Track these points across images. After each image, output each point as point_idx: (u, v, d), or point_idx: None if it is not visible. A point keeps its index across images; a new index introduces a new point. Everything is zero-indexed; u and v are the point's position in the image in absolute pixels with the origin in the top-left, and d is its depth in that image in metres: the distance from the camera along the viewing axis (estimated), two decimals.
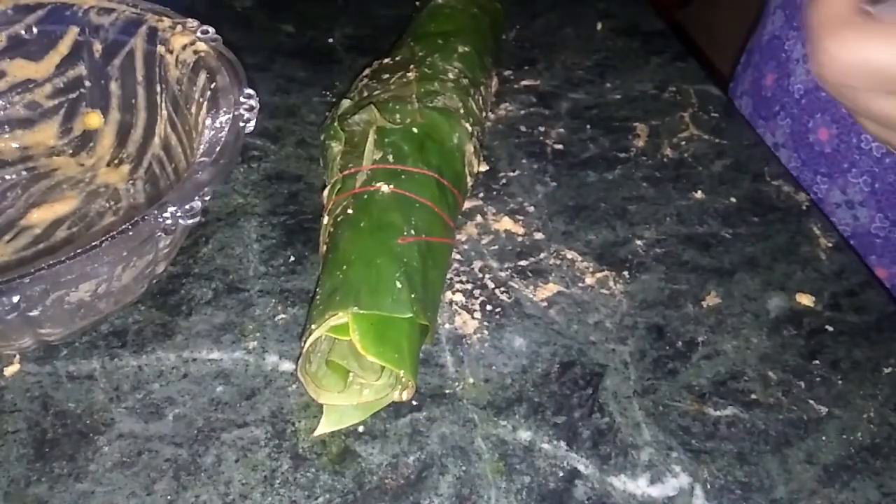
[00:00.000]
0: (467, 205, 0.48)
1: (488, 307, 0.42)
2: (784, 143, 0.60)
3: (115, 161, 0.47)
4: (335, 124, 0.45)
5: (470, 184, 0.46)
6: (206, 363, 0.38)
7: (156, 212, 0.32)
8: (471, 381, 0.38)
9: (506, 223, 0.47)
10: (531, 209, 0.48)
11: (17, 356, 0.37)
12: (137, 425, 0.35)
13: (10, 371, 0.37)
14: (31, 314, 0.32)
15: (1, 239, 0.42)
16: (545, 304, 0.42)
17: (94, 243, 0.30)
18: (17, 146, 0.47)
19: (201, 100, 0.40)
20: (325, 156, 0.45)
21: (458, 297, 0.42)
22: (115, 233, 0.31)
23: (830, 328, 0.42)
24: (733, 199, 0.50)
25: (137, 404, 0.36)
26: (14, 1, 0.44)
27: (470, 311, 0.41)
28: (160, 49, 0.44)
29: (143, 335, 0.39)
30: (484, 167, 0.50)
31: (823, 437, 0.37)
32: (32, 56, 0.46)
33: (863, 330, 0.42)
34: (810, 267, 0.45)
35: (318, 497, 0.33)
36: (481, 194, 0.49)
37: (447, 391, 0.38)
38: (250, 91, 0.39)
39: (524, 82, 0.60)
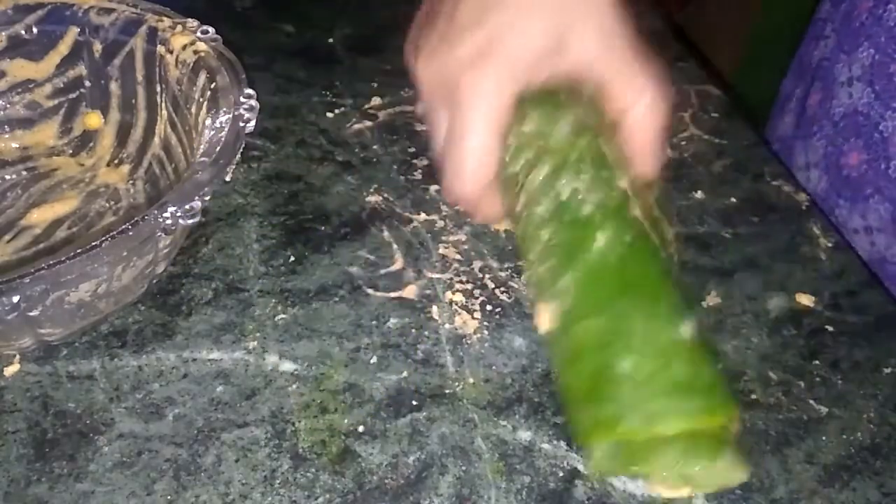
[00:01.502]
0: None
1: (488, 307, 0.42)
2: (817, 163, 0.59)
3: (115, 161, 0.47)
4: None
5: None
6: (206, 363, 0.38)
7: (156, 212, 0.32)
8: (471, 380, 0.38)
9: (506, 223, 0.47)
10: None
11: (17, 356, 0.37)
12: (137, 425, 0.35)
13: (10, 371, 0.37)
14: (31, 314, 0.32)
15: (1, 239, 0.42)
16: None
17: (94, 243, 0.31)
18: (18, 146, 0.47)
19: (201, 100, 0.40)
20: None
21: (459, 297, 0.42)
22: (115, 233, 0.31)
23: (830, 328, 0.42)
24: (733, 200, 0.50)
25: (137, 404, 0.36)
26: (14, 1, 0.44)
27: (470, 311, 0.41)
28: (160, 49, 0.44)
29: (142, 335, 0.39)
30: None
31: (823, 437, 0.37)
32: (32, 56, 0.46)
33: (863, 330, 0.42)
34: (810, 267, 0.45)
35: (318, 497, 0.33)
36: None
37: (447, 391, 0.38)
38: (250, 91, 0.39)
39: None
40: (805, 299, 0.43)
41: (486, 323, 0.41)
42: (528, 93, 0.45)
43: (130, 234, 0.31)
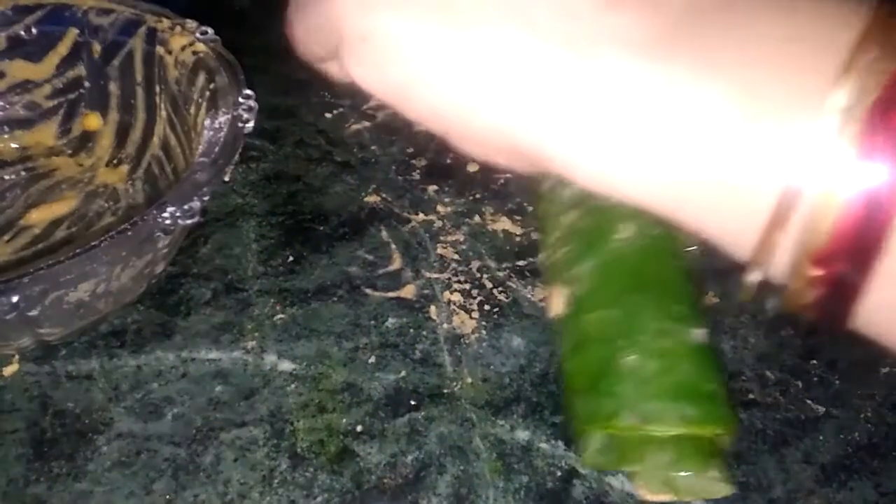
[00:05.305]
0: (465, 205, 0.48)
1: (486, 307, 0.42)
2: None
3: (114, 161, 0.47)
4: None
5: None
6: (204, 363, 0.38)
7: (155, 212, 0.32)
8: (469, 380, 0.38)
9: (504, 223, 0.47)
10: (530, 209, 0.48)
11: (16, 356, 0.37)
12: (136, 425, 0.35)
13: (8, 371, 0.37)
14: (29, 314, 0.32)
15: (0, 238, 0.42)
16: (543, 303, 0.42)
17: (93, 243, 0.31)
18: (17, 146, 0.47)
19: (200, 100, 0.40)
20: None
21: (456, 297, 0.42)
22: (114, 233, 0.31)
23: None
24: None
25: (136, 404, 0.36)
26: (13, 1, 0.44)
27: (468, 311, 0.41)
28: (159, 50, 0.44)
29: (141, 335, 0.39)
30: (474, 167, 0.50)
31: (821, 437, 0.37)
32: (32, 57, 0.46)
33: None
34: None
35: (316, 497, 0.33)
36: (479, 194, 0.49)
37: (445, 391, 0.38)
38: (249, 91, 0.39)
39: None
40: None
41: (484, 323, 0.41)
42: None
43: (129, 234, 0.31)
